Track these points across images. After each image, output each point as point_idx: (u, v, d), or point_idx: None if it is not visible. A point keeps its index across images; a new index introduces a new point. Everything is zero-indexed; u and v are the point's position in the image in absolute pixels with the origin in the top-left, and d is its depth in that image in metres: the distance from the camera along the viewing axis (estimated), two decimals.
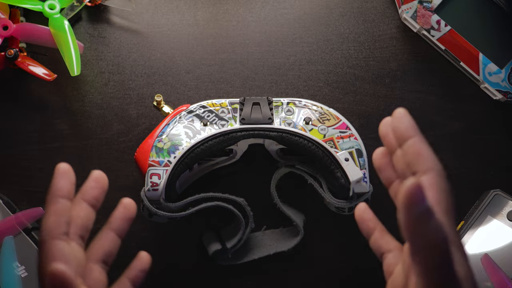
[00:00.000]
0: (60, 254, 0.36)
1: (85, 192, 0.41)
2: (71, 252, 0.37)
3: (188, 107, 0.55)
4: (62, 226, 0.37)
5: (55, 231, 0.37)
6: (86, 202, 0.41)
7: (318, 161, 0.54)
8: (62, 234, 0.37)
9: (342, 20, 0.64)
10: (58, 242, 0.37)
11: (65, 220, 0.38)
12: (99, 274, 0.40)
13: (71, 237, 0.38)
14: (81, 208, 0.40)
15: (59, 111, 0.61)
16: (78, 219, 0.40)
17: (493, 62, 0.60)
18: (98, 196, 0.42)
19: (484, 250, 0.55)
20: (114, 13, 0.64)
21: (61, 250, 0.36)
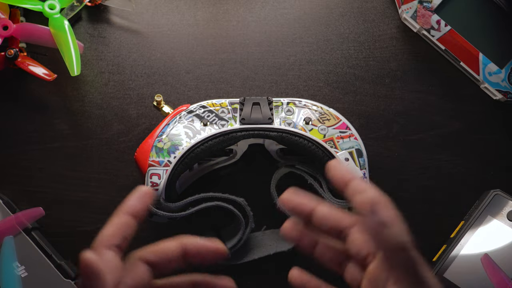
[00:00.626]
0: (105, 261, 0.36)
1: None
2: (116, 263, 0.37)
3: (188, 107, 0.55)
4: (116, 238, 0.37)
5: (108, 242, 0.37)
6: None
7: (318, 161, 0.54)
8: (114, 246, 0.37)
9: (342, 20, 0.64)
10: (107, 252, 0.36)
11: (122, 234, 0.37)
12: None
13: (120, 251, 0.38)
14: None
15: (59, 111, 0.61)
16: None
17: (493, 62, 0.60)
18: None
19: (484, 250, 0.55)
20: (114, 13, 0.64)
21: (108, 259, 0.36)
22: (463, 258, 0.55)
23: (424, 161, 0.60)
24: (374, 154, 0.60)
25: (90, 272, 0.33)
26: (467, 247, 0.56)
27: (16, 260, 0.53)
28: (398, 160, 0.60)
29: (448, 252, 0.56)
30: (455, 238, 0.56)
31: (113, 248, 0.37)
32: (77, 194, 0.59)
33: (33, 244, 0.55)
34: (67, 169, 0.60)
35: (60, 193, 0.59)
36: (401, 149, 0.61)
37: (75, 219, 0.58)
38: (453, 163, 0.61)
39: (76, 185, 0.59)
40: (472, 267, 0.55)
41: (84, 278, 0.33)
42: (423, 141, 0.61)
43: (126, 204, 0.39)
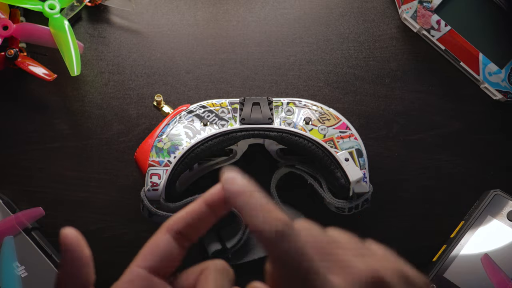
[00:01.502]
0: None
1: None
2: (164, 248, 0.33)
3: (188, 107, 0.55)
4: (181, 224, 0.33)
5: (170, 226, 0.33)
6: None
7: (318, 161, 0.54)
8: (176, 232, 0.33)
9: (342, 20, 0.64)
10: (164, 235, 0.33)
11: (189, 222, 0.33)
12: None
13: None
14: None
15: (59, 111, 0.61)
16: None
17: (493, 62, 0.60)
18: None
19: (484, 250, 0.55)
20: (114, 13, 0.64)
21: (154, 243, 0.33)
22: (463, 258, 0.55)
23: (424, 161, 0.60)
24: (374, 154, 0.60)
25: (67, 246, 0.31)
26: (467, 247, 0.56)
27: (16, 260, 0.53)
28: (398, 160, 0.60)
29: (448, 252, 0.56)
30: (455, 238, 0.56)
31: (174, 233, 0.33)
32: (77, 194, 0.59)
33: (33, 244, 0.55)
34: (67, 169, 0.60)
35: (60, 193, 0.59)
36: (401, 149, 0.61)
37: (75, 219, 0.58)
38: (453, 163, 0.61)
39: (76, 185, 0.59)
40: (472, 267, 0.55)
41: (63, 253, 0.31)
42: (423, 141, 0.61)
43: (209, 192, 0.34)
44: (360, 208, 0.54)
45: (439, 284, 0.55)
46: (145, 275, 0.32)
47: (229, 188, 0.32)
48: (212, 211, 0.34)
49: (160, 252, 0.33)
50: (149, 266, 0.32)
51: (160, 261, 0.32)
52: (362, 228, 0.59)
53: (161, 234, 0.33)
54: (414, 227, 0.59)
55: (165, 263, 0.33)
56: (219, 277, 0.34)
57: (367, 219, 0.59)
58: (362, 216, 0.58)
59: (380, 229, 0.59)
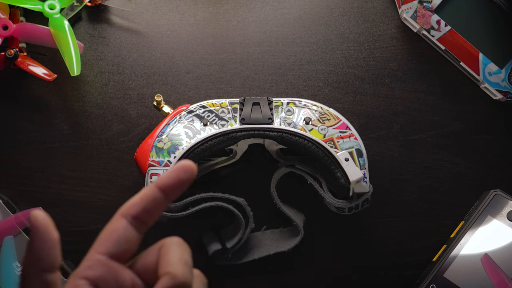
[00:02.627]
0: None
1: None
2: (122, 232, 0.33)
3: (188, 107, 0.55)
4: (136, 209, 0.34)
5: (126, 211, 0.34)
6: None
7: (318, 161, 0.54)
8: (131, 216, 0.33)
9: (342, 20, 0.64)
10: (121, 220, 0.33)
11: (143, 206, 0.34)
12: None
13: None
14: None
15: (59, 111, 0.61)
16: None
17: (493, 62, 0.60)
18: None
19: (484, 250, 0.55)
20: (114, 13, 0.64)
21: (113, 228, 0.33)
22: (463, 258, 0.55)
23: (424, 161, 0.60)
24: (374, 154, 0.60)
25: (36, 228, 0.32)
26: (467, 247, 0.56)
27: (16, 260, 0.53)
28: (398, 160, 0.60)
29: (448, 252, 0.56)
30: (455, 238, 0.56)
31: (129, 219, 0.33)
32: (77, 194, 0.59)
33: None
34: (67, 169, 0.60)
35: (60, 193, 0.59)
36: (401, 149, 0.61)
37: (75, 219, 0.58)
38: (453, 163, 0.61)
39: (76, 185, 0.59)
40: (472, 267, 0.55)
41: (31, 234, 0.32)
42: (423, 141, 0.61)
43: (160, 177, 0.35)
44: (360, 208, 0.54)
45: (439, 284, 0.55)
46: (104, 260, 0.33)
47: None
48: (165, 195, 0.34)
49: (118, 237, 0.33)
50: (107, 251, 0.33)
51: (118, 246, 0.33)
52: (362, 228, 0.59)
53: (117, 220, 0.34)
54: (414, 227, 0.59)
55: (123, 248, 0.33)
56: (179, 248, 0.34)
57: (367, 219, 0.59)
58: (362, 216, 0.58)
59: (380, 229, 0.59)
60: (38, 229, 0.32)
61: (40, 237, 0.32)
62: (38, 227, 0.32)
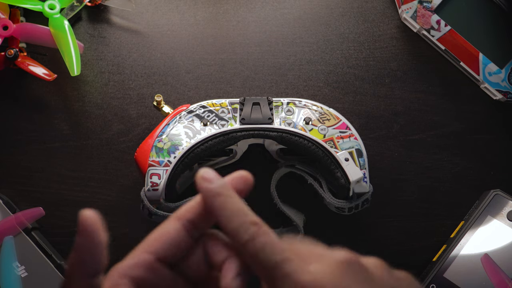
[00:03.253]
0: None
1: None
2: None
3: (188, 107, 0.55)
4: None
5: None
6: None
7: (318, 161, 0.54)
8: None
9: (342, 20, 0.64)
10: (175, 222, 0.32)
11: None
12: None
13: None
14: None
15: (59, 111, 0.61)
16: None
17: (493, 62, 0.60)
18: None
19: (484, 250, 0.55)
20: (114, 13, 0.64)
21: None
22: (463, 258, 0.55)
23: (424, 161, 0.60)
24: (374, 154, 0.60)
25: (84, 230, 0.30)
26: (467, 247, 0.56)
27: (16, 260, 0.53)
28: (398, 160, 0.60)
29: (448, 252, 0.56)
30: (455, 238, 0.56)
31: (185, 223, 0.33)
32: (77, 194, 0.59)
33: (33, 244, 0.55)
34: (67, 169, 0.60)
35: (60, 193, 0.59)
36: (401, 149, 0.61)
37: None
38: (453, 163, 0.61)
39: (76, 185, 0.59)
40: (472, 267, 0.55)
41: (78, 236, 0.30)
42: (423, 141, 0.61)
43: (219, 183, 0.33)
44: (360, 208, 0.54)
45: (439, 284, 0.55)
46: (152, 261, 0.31)
47: (205, 187, 0.32)
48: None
49: (170, 240, 0.32)
50: (157, 252, 0.31)
51: (168, 249, 0.32)
52: (362, 228, 0.59)
53: (171, 222, 0.33)
54: (414, 227, 0.59)
55: (173, 252, 0.32)
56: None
57: (367, 219, 0.59)
58: (362, 216, 0.58)
59: (380, 229, 0.59)
60: (87, 231, 0.30)
61: (89, 240, 0.30)
62: (87, 228, 0.30)
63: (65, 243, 0.58)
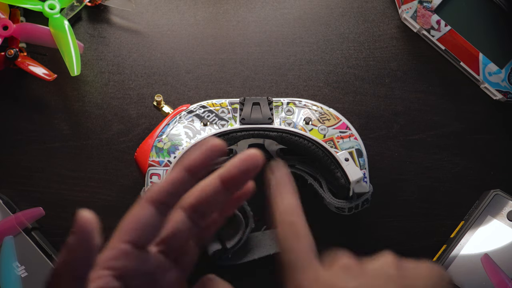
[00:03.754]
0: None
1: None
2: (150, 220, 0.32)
3: (188, 107, 0.55)
4: (163, 194, 0.33)
5: (152, 197, 0.33)
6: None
7: (318, 161, 0.54)
8: (159, 202, 0.32)
9: (342, 20, 0.64)
10: (148, 207, 0.32)
11: (171, 191, 0.33)
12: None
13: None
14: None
15: (59, 111, 0.61)
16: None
17: (493, 62, 0.60)
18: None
19: (484, 250, 0.55)
20: (114, 13, 0.64)
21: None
22: (463, 258, 0.55)
23: (424, 161, 0.60)
24: (374, 154, 0.60)
25: (80, 232, 0.29)
26: (467, 247, 0.56)
27: (16, 260, 0.53)
28: (398, 160, 0.60)
29: (448, 252, 0.56)
30: (455, 238, 0.56)
31: (157, 204, 0.32)
32: (77, 194, 0.59)
33: (33, 244, 0.55)
34: (67, 169, 0.60)
35: (60, 193, 0.59)
36: (401, 149, 0.61)
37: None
38: (453, 163, 0.61)
39: (76, 185, 0.59)
40: (472, 267, 0.55)
41: (73, 236, 0.29)
42: (423, 141, 0.61)
43: (187, 158, 0.33)
44: (360, 208, 0.54)
45: None
46: (129, 249, 0.32)
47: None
48: (192, 175, 0.33)
49: (144, 225, 0.32)
50: (132, 240, 0.32)
51: (144, 235, 0.32)
52: (362, 228, 0.59)
53: (142, 207, 0.33)
54: (414, 227, 0.59)
55: (148, 236, 0.32)
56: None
57: (367, 219, 0.59)
58: (362, 216, 0.58)
59: (380, 229, 0.59)
60: (83, 232, 0.29)
61: (83, 241, 0.29)
62: (83, 229, 0.29)
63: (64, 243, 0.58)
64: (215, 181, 0.34)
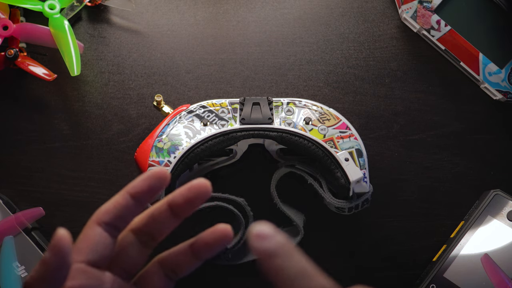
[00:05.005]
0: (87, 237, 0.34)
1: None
2: (98, 239, 0.34)
3: (188, 107, 0.55)
4: (110, 216, 0.34)
5: (99, 218, 0.34)
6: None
7: (318, 161, 0.54)
8: (105, 223, 0.34)
9: (342, 20, 0.64)
10: (95, 227, 0.34)
11: (117, 213, 0.34)
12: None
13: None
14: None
15: (59, 111, 0.61)
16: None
17: (493, 62, 0.60)
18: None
19: (484, 250, 0.55)
20: (114, 13, 0.64)
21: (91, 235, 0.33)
22: (463, 258, 0.55)
23: (424, 161, 0.60)
24: (374, 154, 0.60)
25: (57, 249, 0.30)
26: (467, 247, 0.56)
27: (16, 260, 0.53)
28: (398, 160, 0.60)
29: (448, 252, 0.56)
30: (455, 238, 0.56)
31: (103, 226, 0.34)
32: (77, 194, 0.59)
33: (33, 244, 0.55)
34: (67, 169, 0.60)
35: (60, 193, 0.59)
36: (401, 149, 0.61)
37: (75, 219, 0.58)
38: (453, 163, 0.61)
39: (76, 185, 0.59)
40: (472, 267, 0.55)
41: (49, 253, 0.30)
42: (423, 141, 0.61)
43: (132, 183, 0.35)
44: (360, 208, 0.54)
45: (439, 284, 0.55)
46: (84, 268, 0.33)
47: (260, 248, 0.29)
48: (137, 201, 0.35)
49: (94, 244, 0.33)
50: (86, 259, 0.33)
51: (96, 253, 0.33)
52: (362, 228, 0.59)
53: (91, 227, 0.34)
54: (414, 227, 0.59)
55: (100, 254, 0.33)
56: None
57: (367, 219, 0.59)
58: (362, 216, 0.58)
59: (380, 229, 0.59)
60: (58, 251, 0.30)
61: (57, 259, 0.30)
62: (58, 248, 0.30)
63: None
64: (164, 207, 0.35)
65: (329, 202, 0.54)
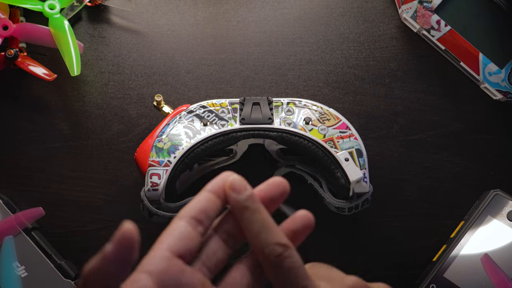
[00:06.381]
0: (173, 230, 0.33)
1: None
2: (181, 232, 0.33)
3: (188, 107, 0.55)
4: (197, 211, 0.34)
5: (185, 214, 0.33)
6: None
7: (318, 161, 0.54)
8: (192, 219, 0.33)
9: (342, 20, 0.64)
10: (180, 222, 0.33)
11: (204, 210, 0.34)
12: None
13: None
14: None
15: (59, 111, 0.61)
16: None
17: (493, 62, 0.60)
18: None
19: (484, 250, 0.55)
20: (114, 13, 0.64)
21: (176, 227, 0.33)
22: (463, 258, 0.55)
23: (424, 161, 0.60)
24: (374, 154, 0.60)
25: (123, 242, 0.29)
26: (467, 247, 0.56)
27: (16, 260, 0.53)
28: (398, 160, 0.60)
29: (448, 252, 0.56)
30: (455, 238, 0.56)
31: (187, 219, 0.33)
32: (77, 194, 0.59)
33: (33, 244, 0.55)
34: (67, 169, 0.60)
35: (60, 193, 0.59)
36: (401, 149, 0.61)
37: (75, 219, 0.58)
38: (453, 163, 0.61)
39: (76, 185, 0.59)
40: (472, 267, 0.55)
41: (114, 246, 0.29)
42: (423, 141, 0.61)
43: (211, 184, 0.35)
44: (360, 208, 0.54)
45: (439, 284, 0.55)
46: (168, 255, 0.32)
47: (233, 199, 0.33)
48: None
49: (179, 234, 0.32)
50: (170, 248, 0.32)
51: (180, 243, 0.32)
52: (362, 228, 0.59)
53: (174, 222, 0.33)
54: (414, 227, 0.59)
55: (185, 245, 0.32)
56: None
57: (367, 219, 0.59)
58: (362, 216, 0.58)
59: (380, 229, 0.59)
60: (124, 245, 0.29)
61: (122, 254, 0.29)
62: (124, 242, 0.29)
63: (65, 243, 0.58)
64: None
65: (329, 202, 0.54)
